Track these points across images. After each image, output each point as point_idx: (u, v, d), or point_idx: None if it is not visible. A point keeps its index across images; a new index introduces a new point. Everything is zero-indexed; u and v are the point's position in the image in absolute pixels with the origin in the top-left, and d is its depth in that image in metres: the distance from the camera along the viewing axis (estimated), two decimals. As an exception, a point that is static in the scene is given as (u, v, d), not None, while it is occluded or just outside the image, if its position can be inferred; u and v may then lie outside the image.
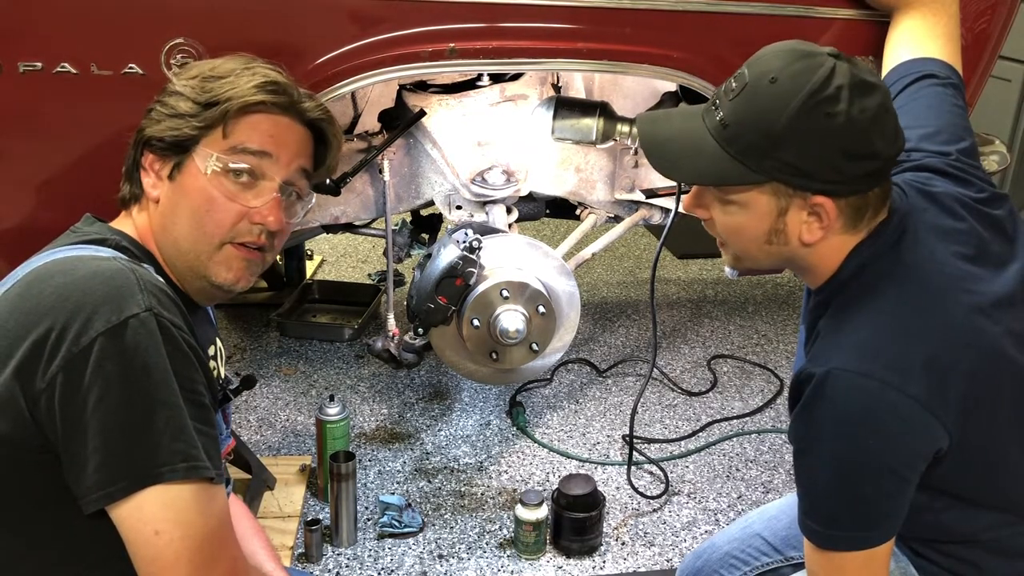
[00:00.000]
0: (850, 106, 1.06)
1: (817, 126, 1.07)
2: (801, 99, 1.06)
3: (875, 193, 1.13)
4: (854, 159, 1.08)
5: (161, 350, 1.00)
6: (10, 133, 1.80)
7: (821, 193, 1.11)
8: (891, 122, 1.10)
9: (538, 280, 2.13)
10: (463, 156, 2.29)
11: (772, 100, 1.08)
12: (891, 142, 1.10)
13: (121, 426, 0.97)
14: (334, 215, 2.35)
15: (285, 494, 2.20)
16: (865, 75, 1.09)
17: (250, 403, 2.63)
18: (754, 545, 1.53)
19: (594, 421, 2.60)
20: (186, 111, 1.18)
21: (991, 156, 2.31)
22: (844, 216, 1.13)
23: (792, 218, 1.14)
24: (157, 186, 1.20)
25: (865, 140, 1.08)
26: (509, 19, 1.92)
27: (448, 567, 2.02)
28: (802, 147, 1.08)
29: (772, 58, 1.11)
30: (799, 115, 1.07)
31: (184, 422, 1.00)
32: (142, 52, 1.73)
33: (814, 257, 1.18)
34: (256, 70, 1.22)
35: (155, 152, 1.20)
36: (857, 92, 1.07)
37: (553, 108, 2.23)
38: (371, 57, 1.87)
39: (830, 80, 1.07)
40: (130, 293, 1.01)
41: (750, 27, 2.00)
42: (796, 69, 1.08)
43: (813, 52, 1.10)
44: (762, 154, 1.10)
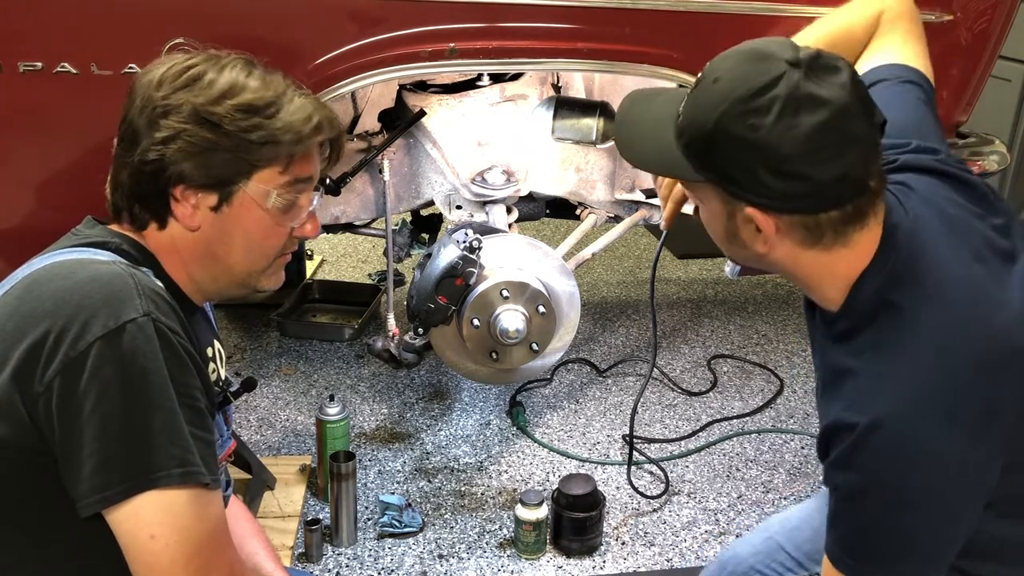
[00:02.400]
0: (777, 121, 1.00)
1: (740, 135, 1.02)
2: (729, 103, 1.03)
3: (830, 216, 1.06)
4: (778, 176, 1.03)
5: (158, 355, 1.00)
6: (10, 133, 1.80)
7: (752, 205, 1.07)
8: (832, 144, 1.01)
9: (538, 280, 2.13)
10: (463, 156, 2.29)
11: (709, 100, 1.05)
12: (827, 166, 1.02)
13: (117, 431, 0.98)
14: (334, 215, 2.35)
15: (285, 494, 2.20)
16: (817, 89, 1.01)
17: (250, 403, 2.63)
18: (778, 559, 1.52)
19: (594, 421, 2.60)
20: (233, 148, 1.11)
21: (991, 156, 2.30)
22: (794, 232, 1.08)
23: (740, 224, 1.11)
24: (195, 217, 1.14)
25: (788, 159, 1.01)
26: (509, 19, 1.92)
27: (448, 567, 2.02)
28: (727, 153, 1.05)
29: (728, 57, 1.08)
30: (725, 120, 1.03)
31: (180, 427, 1.00)
32: (142, 52, 1.72)
33: (802, 272, 1.14)
34: (296, 99, 1.15)
35: (189, 185, 1.12)
36: (792, 108, 1.00)
37: (553, 108, 2.23)
38: (371, 57, 1.87)
39: (767, 89, 1.01)
40: (128, 298, 1.01)
41: (750, 27, 2.00)
42: (740, 72, 1.04)
43: (770, 56, 1.04)
44: (699, 153, 1.08)
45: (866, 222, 1.08)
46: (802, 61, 1.02)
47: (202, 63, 1.13)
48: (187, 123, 1.10)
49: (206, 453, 1.04)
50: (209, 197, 1.13)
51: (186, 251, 1.16)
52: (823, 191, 1.04)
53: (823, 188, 1.03)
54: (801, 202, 1.05)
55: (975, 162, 2.28)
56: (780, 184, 1.03)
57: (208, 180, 1.12)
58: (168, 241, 1.16)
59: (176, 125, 1.09)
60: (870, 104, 1.05)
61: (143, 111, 1.11)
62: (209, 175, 1.12)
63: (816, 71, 1.02)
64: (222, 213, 1.14)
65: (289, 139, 1.13)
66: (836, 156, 1.02)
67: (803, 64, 1.02)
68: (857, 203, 1.06)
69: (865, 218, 1.08)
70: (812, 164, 1.01)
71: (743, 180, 1.05)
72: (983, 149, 2.30)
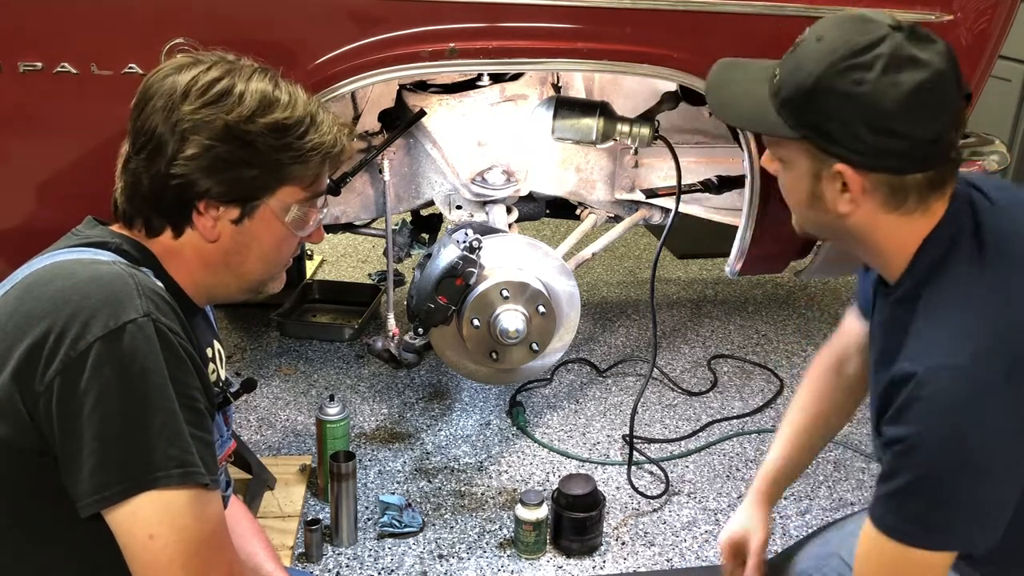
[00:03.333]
0: (881, 76, 1.05)
1: (843, 89, 1.07)
2: (835, 59, 1.07)
3: (916, 179, 1.09)
4: (876, 132, 1.07)
5: (158, 355, 1.00)
6: (10, 133, 1.80)
7: (844, 161, 1.10)
8: (929, 105, 1.06)
9: (538, 280, 2.13)
10: (463, 156, 2.29)
11: (812, 57, 1.10)
12: (924, 125, 1.07)
13: (117, 431, 0.98)
14: (334, 215, 2.35)
15: (285, 494, 2.20)
16: (918, 52, 1.06)
17: (250, 403, 2.63)
18: (831, 565, 1.48)
19: (594, 421, 2.60)
20: (263, 166, 1.12)
21: (991, 156, 2.31)
22: (878, 193, 1.11)
23: (826, 184, 1.13)
24: (215, 229, 1.14)
25: (888, 115, 1.06)
26: (509, 19, 1.92)
27: (448, 567, 2.02)
28: (828, 108, 1.08)
29: (832, 19, 1.13)
30: (829, 75, 1.07)
31: (180, 427, 1.01)
32: (142, 52, 1.73)
33: (872, 239, 1.16)
34: (320, 118, 1.16)
35: (213, 199, 1.12)
36: (895, 65, 1.05)
37: (553, 108, 2.23)
38: (371, 57, 1.87)
39: (872, 47, 1.06)
40: (128, 298, 1.01)
41: (750, 27, 2.00)
42: (844, 31, 1.09)
43: (873, 19, 1.09)
44: (796, 110, 1.11)
45: (945, 190, 1.12)
46: (904, 26, 1.07)
47: (226, 75, 1.12)
48: (219, 140, 1.09)
49: (205, 454, 1.04)
50: (232, 211, 1.14)
51: (198, 258, 1.16)
52: (916, 151, 1.08)
53: (916, 148, 1.07)
54: (893, 160, 1.09)
55: (975, 162, 2.28)
56: (877, 140, 1.07)
57: (234, 196, 1.13)
58: (178, 247, 1.16)
59: (207, 142, 1.09)
60: (961, 75, 1.09)
61: (169, 122, 1.09)
62: (236, 191, 1.13)
63: (917, 36, 1.07)
64: (243, 226, 1.15)
65: (317, 159, 1.15)
66: (932, 117, 1.06)
67: (904, 29, 1.07)
68: (941, 170, 1.10)
69: (945, 186, 1.12)
70: (910, 122, 1.06)
71: (840, 135, 1.09)
72: (983, 149, 2.30)
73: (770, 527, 1.54)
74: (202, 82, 1.10)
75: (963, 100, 1.10)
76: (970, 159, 2.27)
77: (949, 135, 1.08)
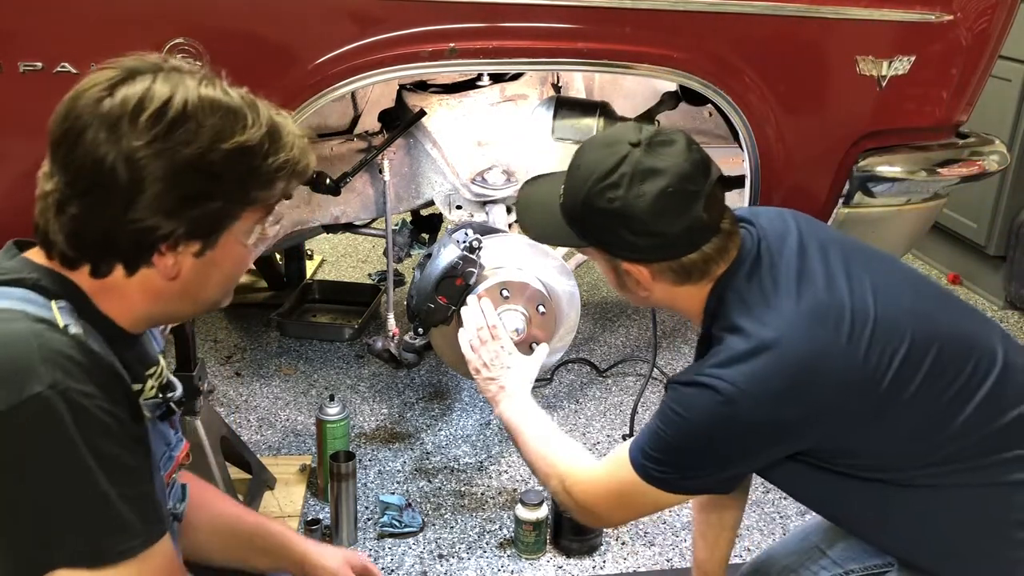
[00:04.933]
0: (628, 191, 1.23)
1: (602, 207, 1.25)
2: (591, 183, 1.26)
3: (691, 259, 1.26)
4: (639, 235, 1.24)
5: (67, 429, 0.91)
6: (10, 133, 1.80)
7: (625, 260, 1.29)
8: (674, 204, 1.22)
9: (538, 280, 2.13)
10: (463, 156, 2.29)
11: (576, 183, 1.29)
12: (674, 221, 1.23)
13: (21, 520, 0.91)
14: (334, 215, 2.35)
15: (285, 494, 2.20)
16: (656, 162, 1.23)
17: (250, 403, 2.63)
18: (813, 558, 1.54)
19: (594, 421, 2.60)
20: (230, 195, 1.02)
21: (991, 156, 2.30)
22: (665, 277, 1.29)
23: (624, 276, 1.32)
24: (176, 267, 1.03)
25: (643, 221, 1.23)
26: (509, 19, 1.92)
27: (448, 567, 2.02)
28: (597, 223, 1.28)
29: (585, 145, 1.33)
30: (590, 197, 1.26)
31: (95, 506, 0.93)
32: (142, 52, 1.73)
33: (680, 305, 1.35)
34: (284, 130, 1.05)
35: (176, 240, 1.01)
36: (638, 179, 1.23)
37: (553, 108, 2.23)
38: (371, 57, 1.87)
39: (617, 168, 1.24)
40: (29, 368, 0.91)
41: (750, 27, 2.00)
42: (595, 156, 1.28)
43: (617, 141, 1.27)
44: (579, 225, 1.31)
45: (727, 254, 1.28)
46: (642, 140, 1.25)
47: (172, 92, 0.98)
48: (180, 175, 0.97)
49: (142, 508, 0.97)
50: (193, 245, 1.02)
51: (146, 293, 1.05)
52: (677, 241, 1.25)
53: (676, 239, 1.25)
54: (662, 252, 1.27)
55: (975, 162, 2.27)
56: (641, 241, 1.25)
57: (198, 232, 1.02)
58: (122, 284, 1.03)
59: (169, 180, 0.97)
60: (707, 165, 1.26)
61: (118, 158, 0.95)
62: (201, 227, 1.02)
63: (654, 146, 1.25)
64: (204, 257, 1.04)
65: (284, 176, 1.05)
66: (680, 213, 1.23)
67: (643, 143, 1.25)
68: (714, 243, 1.26)
69: (725, 252, 1.28)
70: (662, 222, 1.23)
71: (613, 242, 1.29)
72: (983, 149, 2.30)
73: None
74: (150, 108, 0.96)
75: (714, 183, 1.25)
76: (970, 159, 2.27)
77: (702, 219, 1.23)
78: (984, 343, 1.28)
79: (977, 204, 3.35)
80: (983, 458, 1.24)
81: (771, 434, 1.23)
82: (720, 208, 1.27)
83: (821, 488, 1.32)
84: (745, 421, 1.20)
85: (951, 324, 1.29)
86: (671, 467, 1.27)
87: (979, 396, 1.23)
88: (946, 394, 1.23)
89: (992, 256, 3.40)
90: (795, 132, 2.10)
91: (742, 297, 1.26)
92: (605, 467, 1.38)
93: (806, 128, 2.12)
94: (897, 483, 1.25)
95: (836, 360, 1.20)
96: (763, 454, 1.27)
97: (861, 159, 2.16)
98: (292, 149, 1.05)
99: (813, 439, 1.24)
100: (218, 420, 2.16)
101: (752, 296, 1.26)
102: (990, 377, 1.25)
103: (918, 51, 2.08)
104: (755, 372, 1.19)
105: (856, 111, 2.14)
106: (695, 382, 1.23)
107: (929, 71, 2.11)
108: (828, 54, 2.07)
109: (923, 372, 1.22)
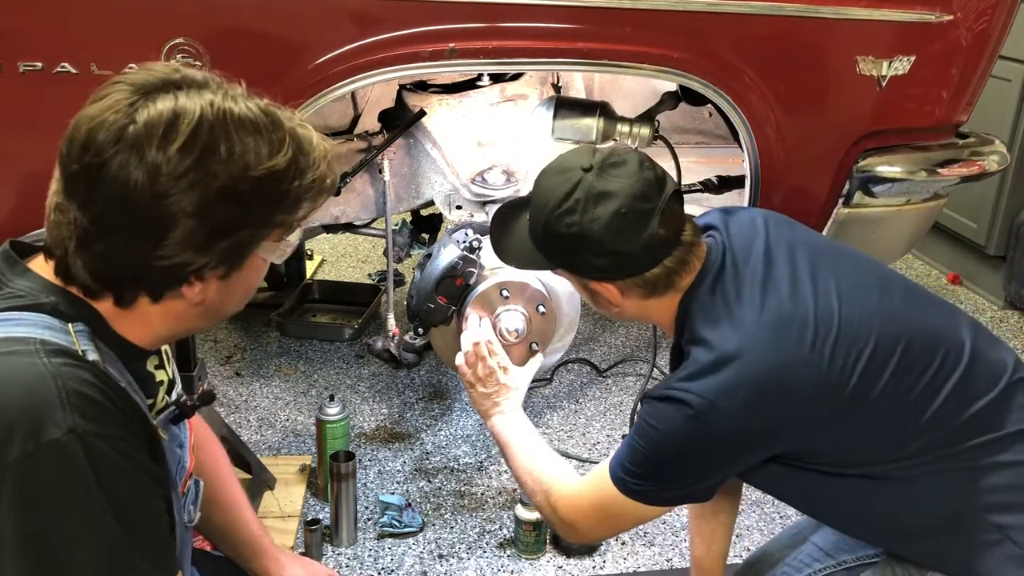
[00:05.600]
0: (583, 215, 1.27)
1: (562, 232, 1.29)
2: (549, 210, 1.30)
3: (655, 273, 1.30)
4: (600, 256, 1.28)
5: (84, 477, 0.89)
6: (10, 133, 1.80)
7: (592, 279, 1.34)
8: (628, 224, 1.26)
9: (538, 280, 2.13)
10: (463, 156, 2.29)
11: (537, 210, 1.34)
12: (631, 240, 1.26)
13: (38, 564, 0.89)
14: (334, 215, 2.35)
15: (285, 494, 2.20)
16: (607, 185, 1.26)
17: (250, 403, 2.63)
18: (806, 551, 1.56)
19: (594, 421, 2.60)
20: (260, 220, 0.99)
21: (991, 156, 2.30)
22: (633, 292, 1.33)
23: (595, 294, 1.36)
24: (203, 293, 1.01)
25: (600, 242, 1.27)
26: (509, 19, 1.92)
27: (448, 567, 2.02)
28: (560, 247, 1.32)
29: (542, 174, 1.36)
30: (550, 223, 1.30)
31: (112, 551, 0.92)
32: (142, 52, 1.73)
33: (653, 317, 1.39)
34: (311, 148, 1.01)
35: (210, 269, 0.99)
36: (592, 203, 1.27)
37: (553, 108, 2.23)
38: (371, 57, 1.87)
39: (571, 194, 1.28)
40: (50, 411, 0.88)
41: (750, 27, 2.00)
42: (551, 184, 1.32)
43: (569, 167, 1.31)
44: (545, 250, 1.35)
45: (690, 265, 1.32)
46: (594, 165, 1.29)
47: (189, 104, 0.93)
48: (211, 208, 0.93)
49: (155, 552, 0.97)
50: (219, 269, 1.00)
51: (168, 315, 1.03)
52: (637, 258, 1.29)
53: (635, 256, 1.28)
54: (625, 270, 1.30)
55: (975, 162, 2.27)
56: (602, 261, 1.29)
57: (226, 260, 0.99)
58: (144, 310, 1.01)
59: (201, 215, 0.93)
60: (660, 181, 1.29)
61: (151, 193, 0.91)
62: (229, 255, 0.99)
63: (605, 169, 1.28)
64: (229, 279, 1.02)
65: (311, 197, 1.02)
66: (636, 231, 1.26)
67: (595, 167, 1.29)
68: (676, 255, 1.30)
69: (688, 264, 1.31)
70: (620, 241, 1.27)
71: (578, 264, 1.33)
72: (983, 149, 2.30)
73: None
74: (179, 135, 0.91)
75: (670, 198, 1.28)
76: (970, 159, 2.27)
77: (659, 235, 1.27)
78: (952, 335, 1.30)
79: (977, 204, 3.35)
80: (954, 446, 1.26)
81: (743, 443, 1.25)
82: (678, 222, 1.30)
83: (800, 487, 1.34)
84: (716, 432, 1.22)
85: (918, 319, 1.31)
86: (649, 480, 1.30)
87: (947, 388, 1.25)
88: (914, 391, 1.25)
89: (992, 256, 3.40)
90: (795, 132, 2.10)
91: (706, 310, 1.29)
92: (588, 483, 1.41)
93: (806, 128, 2.12)
94: (872, 477, 1.28)
95: (799, 369, 1.22)
96: (737, 462, 1.29)
97: (861, 159, 2.16)
98: (319, 167, 1.01)
99: (786, 444, 1.26)
100: (218, 420, 2.16)
101: (716, 308, 1.28)
102: (958, 369, 1.27)
103: (918, 51, 2.08)
104: (720, 384, 1.21)
105: (856, 111, 2.14)
106: (666, 396, 1.26)
107: (929, 71, 2.11)
108: (828, 54, 2.07)
109: (890, 370, 1.24)
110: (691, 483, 1.31)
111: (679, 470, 1.29)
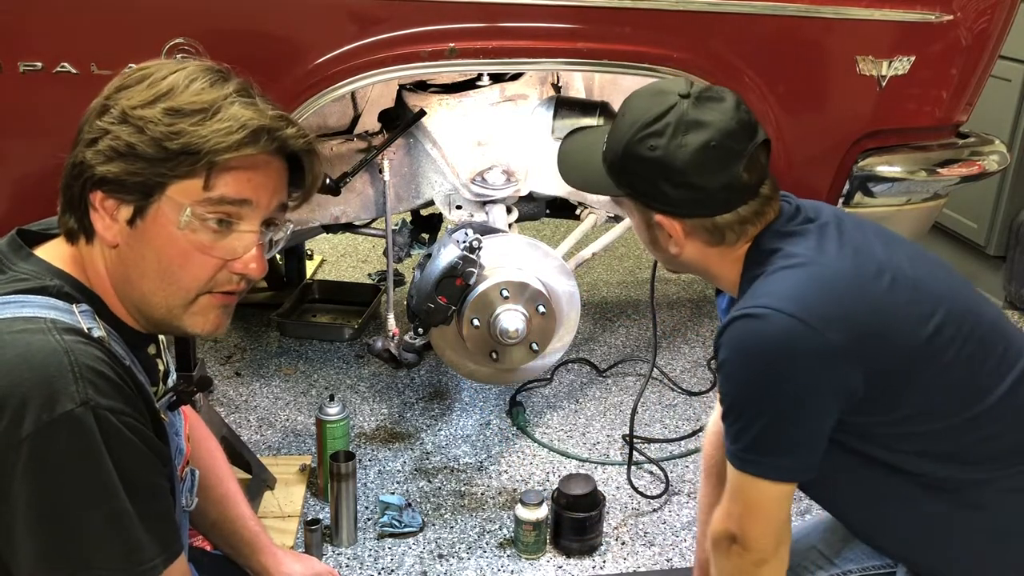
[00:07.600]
0: (670, 141, 1.23)
1: (642, 155, 1.25)
2: (634, 130, 1.26)
3: (726, 219, 1.26)
4: (676, 187, 1.24)
5: (98, 448, 0.92)
6: (10, 133, 1.80)
7: (659, 212, 1.29)
8: (715, 159, 1.22)
9: (538, 280, 2.13)
10: (463, 156, 2.29)
11: (620, 129, 1.29)
12: (714, 176, 1.23)
13: (52, 533, 0.92)
14: (334, 215, 2.35)
15: (285, 494, 2.20)
16: (702, 115, 1.23)
17: (250, 403, 2.63)
18: (810, 558, 1.55)
19: (594, 421, 2.60)
20: (152, 154, 1.00)
21: (991, 156, 2.30)
22: (698, 235, 1.29)
23: (656, 231, 1.32)
24: (112, 229, 1.03)
25: (681, 172, 1.23)
26: (509, 19, 1.92)
27: (448, 567, 2.02)
28: (635, 171, 1.28)
29: (634, 94, 1.32)
30: (631, 144, 1.26)
31: (123, 523, 0.95)
32: (142, 52, 1.72)
33: (712, 267, 1.33)
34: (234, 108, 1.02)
35: (107, 192, 1.02)
36: (682, 130, 1.23)
37: (553, 108, 2.23)
38: (371, 57, 1.87)
39: (662, 117, 1.24)
40: (63, 383, 0.91)
41: (750, 27, 2.00)
42: (641, 104, 1.28)
43: (665, 91, 1.27)
44: (617, 174, 1.31)
45: (763, 218, 1.28)
46: (692, 93, 1.25)
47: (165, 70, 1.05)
48: (114, 124, 1.01)
49: (162, 529, 0.99)
50: (125, 209, 1.02)
51: (115, 277, 1.06)
52: (714, 197, 1.25)
53: (713, 195, 1.25)
54: (698, 207, 1.26)
55: (975, 162, 2.27)
56: (677, 193, 1.25)
57: (123, 188, 1.01)
58: (98, 264, 1.06)
59: (105, 125, 1.02)
60: (753, 127, 1.26)
61: (89, 112, 1.05)
62: (125, 182, 1.01)
63: (703, 100, 1.25)
64: (137, 229, 1.03)
65: (209, 148, 1.00)
66: (720, 168, 1.23)
67: (692, 95, 1.25)
68: (752, 205, 1.27)
69: (762, 216, 1.28)
70: (701, 175, 1.23)
71: (649, 191, 1.28)
72: (983, 149, 2.30)
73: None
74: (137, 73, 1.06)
75: (758, 145, 1.25)
76: (970, 159, 2.27)
77: (742, 179, 1.24)
78: (1013, 334, 1.30)
79: (977, 204, 3.35)
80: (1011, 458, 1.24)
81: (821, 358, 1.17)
82: (761, 173, 1.27)
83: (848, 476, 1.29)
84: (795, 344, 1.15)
85: (984, 307, 1.31)
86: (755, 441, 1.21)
87: (1011, 378, 1.24)
88: (984, 367, 1.23)
89: (992, 256, 3.40)
90: (795, 132, 2.10)
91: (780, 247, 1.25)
92: (727, 495, 1.30)
93: (806, 128, 2.12)
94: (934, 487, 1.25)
95: (878, 293, 1.20)
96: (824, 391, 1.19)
97: (861, 159, 2.16)
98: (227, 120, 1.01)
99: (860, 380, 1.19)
100: (218, 420, 2.16)
101: (791, 246, 1.25)
102: (1018, 364, 1.26)
103: (918, 51, 2.08)
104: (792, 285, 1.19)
105: (856, 111, 2.14)
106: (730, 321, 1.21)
107: (929, 71, 2.12)
108: (828, 54, 2.07)
109: (963, 337, 1.22)
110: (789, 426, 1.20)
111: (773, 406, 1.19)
